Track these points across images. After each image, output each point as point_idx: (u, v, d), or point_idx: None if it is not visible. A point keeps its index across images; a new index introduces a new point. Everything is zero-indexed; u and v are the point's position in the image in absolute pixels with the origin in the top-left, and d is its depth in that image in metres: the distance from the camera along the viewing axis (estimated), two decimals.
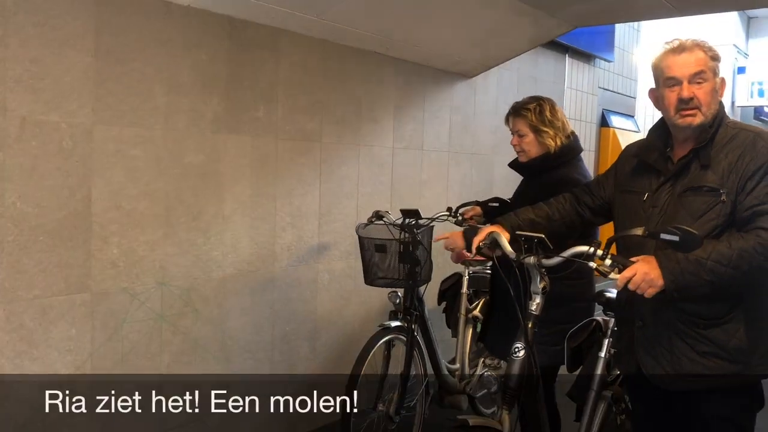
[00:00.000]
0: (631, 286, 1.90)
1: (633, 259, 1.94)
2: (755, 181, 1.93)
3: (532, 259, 2.12)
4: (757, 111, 11.24)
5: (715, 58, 2.03)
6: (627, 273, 1.90)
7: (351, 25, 3.46)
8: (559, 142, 2.77)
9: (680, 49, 2.03)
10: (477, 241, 2.27)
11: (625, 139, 6.66)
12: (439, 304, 3.85)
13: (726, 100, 2.19)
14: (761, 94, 10.37)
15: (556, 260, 2.10)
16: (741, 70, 10.38)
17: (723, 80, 2.07)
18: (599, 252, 2.00)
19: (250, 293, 3.34)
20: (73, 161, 2.58)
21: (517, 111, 2.86)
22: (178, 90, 2.91)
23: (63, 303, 2.60)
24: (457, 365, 3.66)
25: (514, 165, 2.95)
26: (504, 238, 2.22)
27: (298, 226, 3.56)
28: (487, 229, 2.29)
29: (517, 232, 2.20)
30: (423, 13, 3.61)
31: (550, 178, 2.74)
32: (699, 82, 2.01)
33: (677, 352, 2.02)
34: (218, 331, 3.19)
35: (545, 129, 2.78)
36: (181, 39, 2.91)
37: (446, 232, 2.94)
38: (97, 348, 2.72)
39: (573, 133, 2.86)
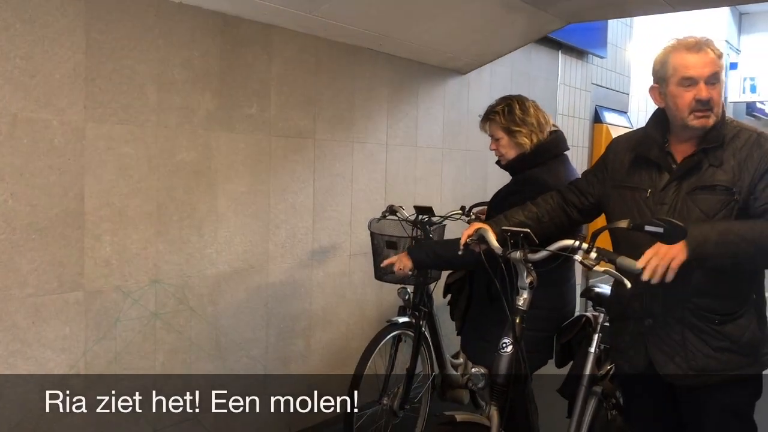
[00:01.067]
0: (651, 264, 1.85)
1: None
2: (766, 180, 1.96)
3: (518, 254, 2.12)
4: (750, 107, 11.27)
5: (721, 57, 2.03)
6: (648, 254, 1.86)
7: (344, 22, 3.45)
8: (535, 140, 2.64)
9: (697, 47, 1.99)
10: (465, 236, 2.27)
11: None
12: (445, 297, 3.86)
13: None
14: (753, 89, 10.40)
15: (542, 254, 2.09)
16: (733, 65, 10.39)
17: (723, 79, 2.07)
18: (585, 245, 2.00)
19: (244, 291, 3.32)
20: (64, 159, 2.57)
21: (487, 115, 2.75)
22: (169, 87, 2.89)
23: (56, 302, 2.58)
24: (460, 360, 3.67)
25: (500, 163, 2.90)
26: (491, 234, 2.22)
27: (292, 223, 3.54)
28: (474, 226, 2.29)
29: (503, 227, 2.20)
30: (416, 10, 3.60)
31: (517, 179, 2.68)
32: (713, 83, 1.99)
33: (691, 348, 2.03)
34: (212, 329, 3.18)
35: (517, 128, 2.65)
36: (173, 35, 2.89)
37: (392, 257, 2.78)
38: (90, 347, 2.70)
39: (555, 130, 2.73)
